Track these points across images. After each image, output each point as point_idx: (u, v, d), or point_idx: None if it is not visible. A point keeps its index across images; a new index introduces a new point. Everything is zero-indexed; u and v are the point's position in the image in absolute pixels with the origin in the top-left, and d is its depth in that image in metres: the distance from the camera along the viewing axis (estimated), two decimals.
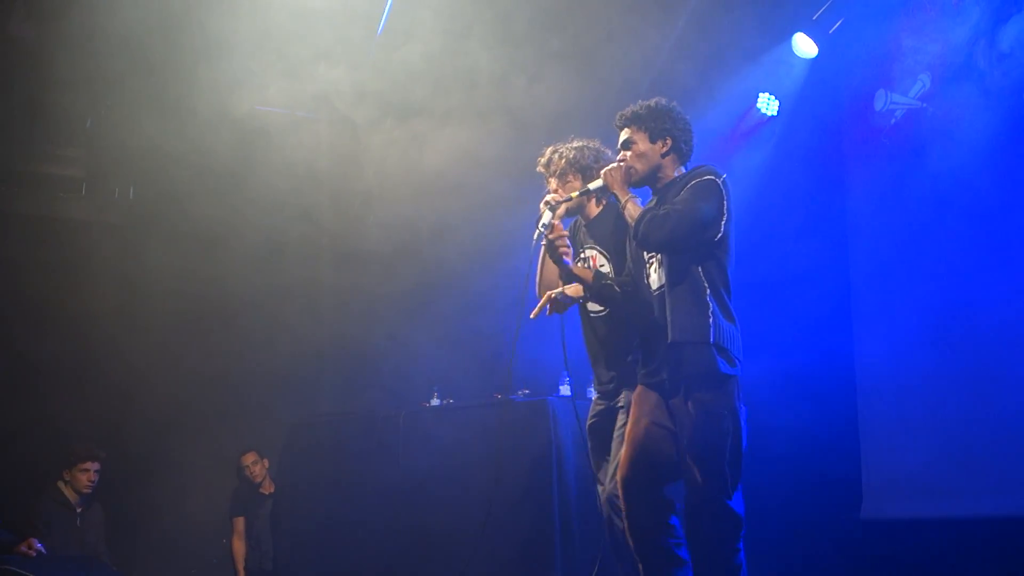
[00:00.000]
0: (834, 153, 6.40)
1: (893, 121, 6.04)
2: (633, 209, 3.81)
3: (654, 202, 3.92)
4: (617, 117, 4.01)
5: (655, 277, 3.85)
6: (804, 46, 6.39)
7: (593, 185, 4.02)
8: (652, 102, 3.95)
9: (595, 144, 4.61)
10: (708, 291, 3.68)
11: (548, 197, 4.49)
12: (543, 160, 4.65)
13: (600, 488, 4.46)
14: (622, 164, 3.94)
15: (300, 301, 8.36)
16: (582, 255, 4.61)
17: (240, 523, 7.84)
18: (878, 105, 6.14)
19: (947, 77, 5.71)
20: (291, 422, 6.66)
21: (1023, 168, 5.27)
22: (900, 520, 5.70)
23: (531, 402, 5.56)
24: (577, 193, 4.10)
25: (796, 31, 6.36)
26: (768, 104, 6.67)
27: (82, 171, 7.83)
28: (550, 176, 4.61)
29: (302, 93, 7.02)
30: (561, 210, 4.50)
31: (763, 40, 6.56)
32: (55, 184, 7.86)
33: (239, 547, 7.80)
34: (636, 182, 3.95)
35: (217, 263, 7.78)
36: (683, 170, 3.96)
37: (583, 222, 4.68)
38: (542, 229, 4.50)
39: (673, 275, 3.75)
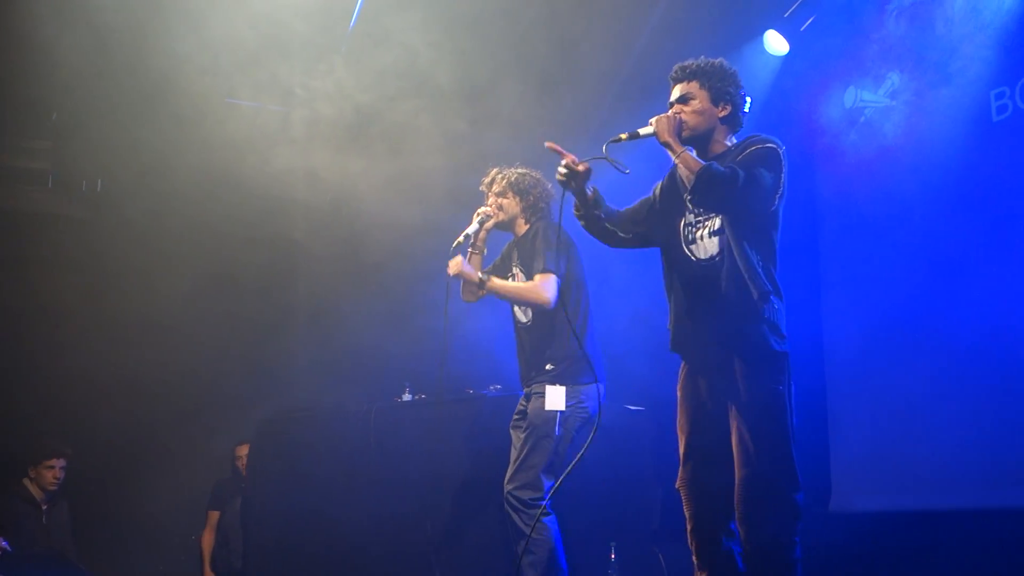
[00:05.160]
0: (804, 150, 6.45)
1: (863, 119, 6.10)
2: (690, 161, 3.35)
3: None
4: (677, 69, 3.63)
5: (700, 247, 3.54)
6: (775, 43, 6.43)
7: (643, 131, 3.56)
8: (718, 61, 3.61)
9: (537, 174, 4.88)
10: (762, 267, 3.39)
11: (481, 209, 4.76)
12: (486, 180, 4.98)
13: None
14: (675, 115, 3.51)
15: (271, 296, 8.32)
16: (511, 274, 4.95)
17: (215, 517, 7.80)
18: (848, 103, 6.20)
19: (916, 75, 5.77)
20: (261, 418, 6.61)
21: (988, 165, 5.34)
22: (868, 513, 5.75)
23: (502, 397, 5.56)
24: (626, 135, 3.59)
25: (768, 28, 6.40)
26: None
27: (49, 164, 7.74)
28: (490, 193, 4.91)
29: (273, 87, 6.97)
30: (489, 224, 4.81)
31: (735, 37, 6.60)
32: (21, 177, 7.77)
33: (208, 540, 7.77)
34: (686, 138, 3.51)
35: (186, 257, 7.72)
36: (734, 139, 3.61)
37: (515, 243, 4.90)
38: (462, 239, 4.77)
39: (728, 247, 3.41)
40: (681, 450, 3.58)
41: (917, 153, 5.71)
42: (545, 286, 4.63)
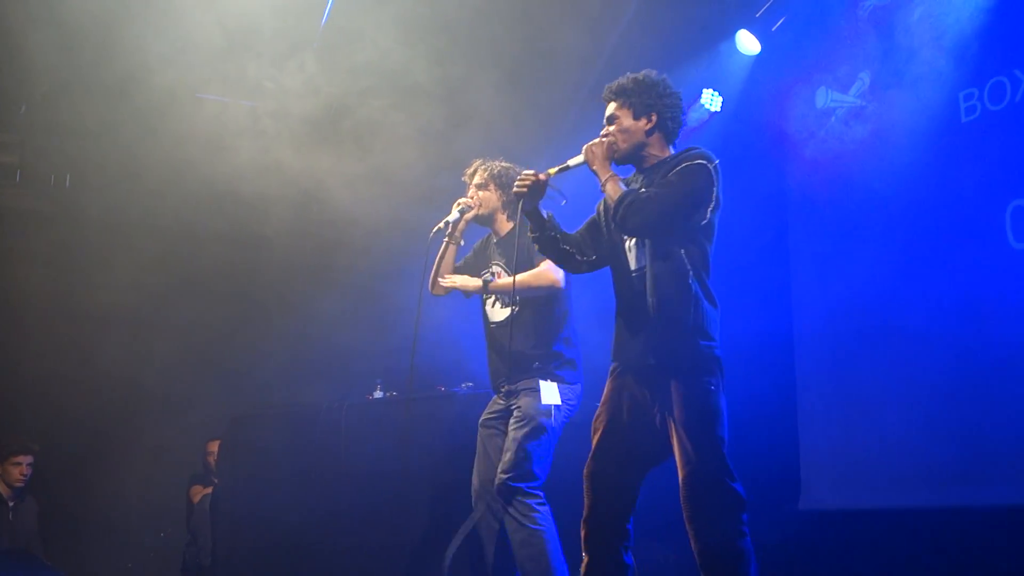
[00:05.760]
0: (776, 149, 6.49)
1: (834, 119, 6.13)
2: (613, 189, 3.59)
3: (639, 181, 3.72)
4: (604, 89, 3.79)
5: (631, 258, 3.70)
6: (747, 43, 6.46)
7: (573, 161, 3.76)
8: (640, 75, 3.73)
9: (520, 170, 4.75)
10: (691, 274, 3.53)
11: (461, 200, 4.78)
12: (469, 171, 4.93)
13: (474, 482, 4.68)
14: (604, 139, 3.71)
15: (241, 292, 8.28)
16: (489, 268, 4.89)
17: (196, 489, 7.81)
18: (819, 103, 6.23)
19: (886, 76, 5.81)
20: (232, 415, 6.58)
21: (957, 166, 5.39)
22: (839, 511, 5.78)
23: (474, 395, 5.56)
24: (556, 169, 3.79)
25: (739, 28, 6.43)
26: (712, 100, 6.72)
27: (16, 158, 7.64)
28: (471, 184, 4.89)
29: (243, 83, 6.93)
30: (470, 214, 4.80)
31: (707, 37, 6.62)
32: None
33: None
34: (619, 159, 3.72)
35: (154, 253, 7.67)
36: (672, 150, 3.75)
37: (494, 238, 4.88)
38: (442, 226, 4.73)
39: (656, 257, 3.57)
40: (594, 443, 3.69)
41: (887, 153, 5.75)
42: (551, 267, 4.60)
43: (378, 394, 6.14)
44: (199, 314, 8.02)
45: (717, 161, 3.61)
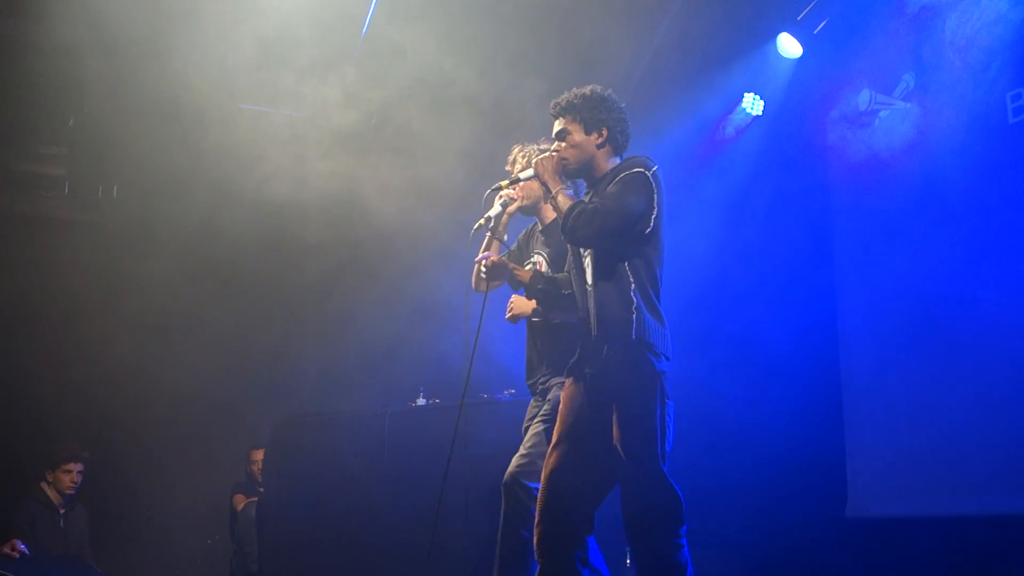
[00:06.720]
0: (819, 153, 6.43)
1: (877, 120, 6.07)
2: (563, 201, 3.69)
3: (590, 195, 3.77)
4: (551, 105, 3.85)
5: (582, 273, 3.76)
6: (789, 46, 6.42)
7: (524, 175, 3.93)
8: (587, 90, 3.80)
9: None
10: (633, 286, 3.57)
11: (504, 191, 4.46)
12: (509, 159, 4.74)
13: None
14: (554, 154, 3.80)
15: (286, 301, 8.35)
16: (531, 259, 4.70)
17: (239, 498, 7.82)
18: (863, 105, 6.17)
19: (931, 77, 5.74)
20: (275, 422, 6.63)
21: (1005, 166, 5.31)
22: (886, 519, 5.71)
23: (517, 402, 5.55)
24: (507, 182, 4.02)
25: (781, 31, 6.39)
26: (754, 104, 6.69)
27: (65, 170, 7.77)
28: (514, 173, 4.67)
29: (286, 93, 6.99)
30: (512, 207, 4.58)
31: (748, 40, 6.59)
32: (38, 183, 7.81)
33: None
34: (569, 174, 3.83)
35: (200, 262, 7.75)
36: (617, 161, 3.82)
37: (539, 227, 4.71)
38: (483, 222, 4.49)
39: (599, 269, 3.65)
40: (550, 450, 3.74)
41: (933, 154, 5.68)
42: None
43: (421, 401, 6.17)
44: (244, 322, 8.11)
45: (655, 168, 3.67)
